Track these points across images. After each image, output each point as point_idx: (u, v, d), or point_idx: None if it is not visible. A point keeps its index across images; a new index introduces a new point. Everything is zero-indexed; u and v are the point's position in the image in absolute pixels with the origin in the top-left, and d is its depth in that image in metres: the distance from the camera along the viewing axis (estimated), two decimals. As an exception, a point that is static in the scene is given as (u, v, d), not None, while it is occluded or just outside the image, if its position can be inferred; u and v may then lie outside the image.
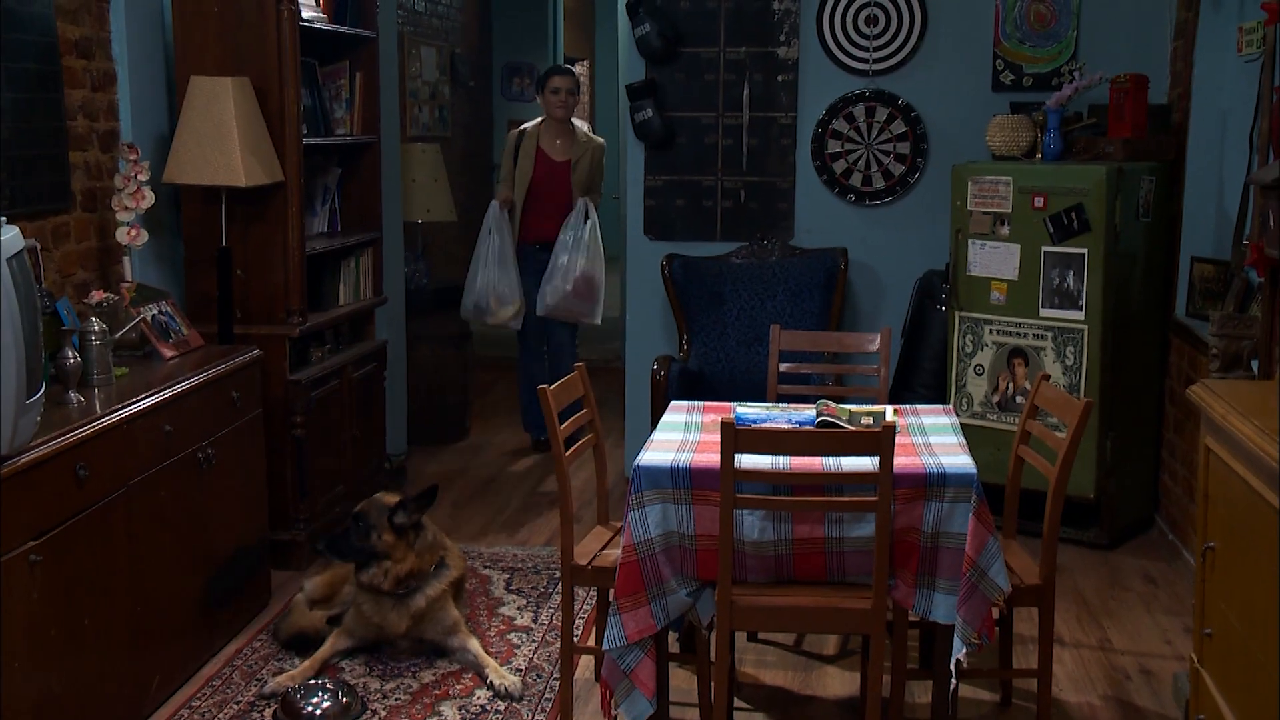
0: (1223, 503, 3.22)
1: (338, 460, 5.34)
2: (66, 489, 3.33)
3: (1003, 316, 5.37)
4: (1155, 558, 5.23)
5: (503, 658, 4.26)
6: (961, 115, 5.90)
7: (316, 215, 5.52)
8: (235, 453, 4.37)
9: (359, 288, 5.64)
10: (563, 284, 6.41)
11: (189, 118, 4.62)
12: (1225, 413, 3.15)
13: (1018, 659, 4.16)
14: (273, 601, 4.68)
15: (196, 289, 4.94)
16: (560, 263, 6.42)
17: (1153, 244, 5.37)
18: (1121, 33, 5.77)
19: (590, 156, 6.70)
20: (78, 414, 3.56)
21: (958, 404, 5.48)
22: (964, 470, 3.36)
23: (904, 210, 6.05)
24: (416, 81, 8.00)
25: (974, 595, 3.32)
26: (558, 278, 6.40)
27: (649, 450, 3.56)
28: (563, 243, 6.45)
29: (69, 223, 4.38)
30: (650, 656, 3.47)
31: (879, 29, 5.96)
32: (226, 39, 4.81)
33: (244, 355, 4.48)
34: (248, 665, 4.19)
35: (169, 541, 3.91)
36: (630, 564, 3.41)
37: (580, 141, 6.70)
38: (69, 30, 4.36)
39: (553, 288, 6.41)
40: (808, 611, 3.41)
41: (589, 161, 6.69)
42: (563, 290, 6.41)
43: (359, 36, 5.57)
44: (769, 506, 3.35)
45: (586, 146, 6.70)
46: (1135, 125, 5.32)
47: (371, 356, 5.69)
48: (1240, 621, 3.04)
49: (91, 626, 3.46)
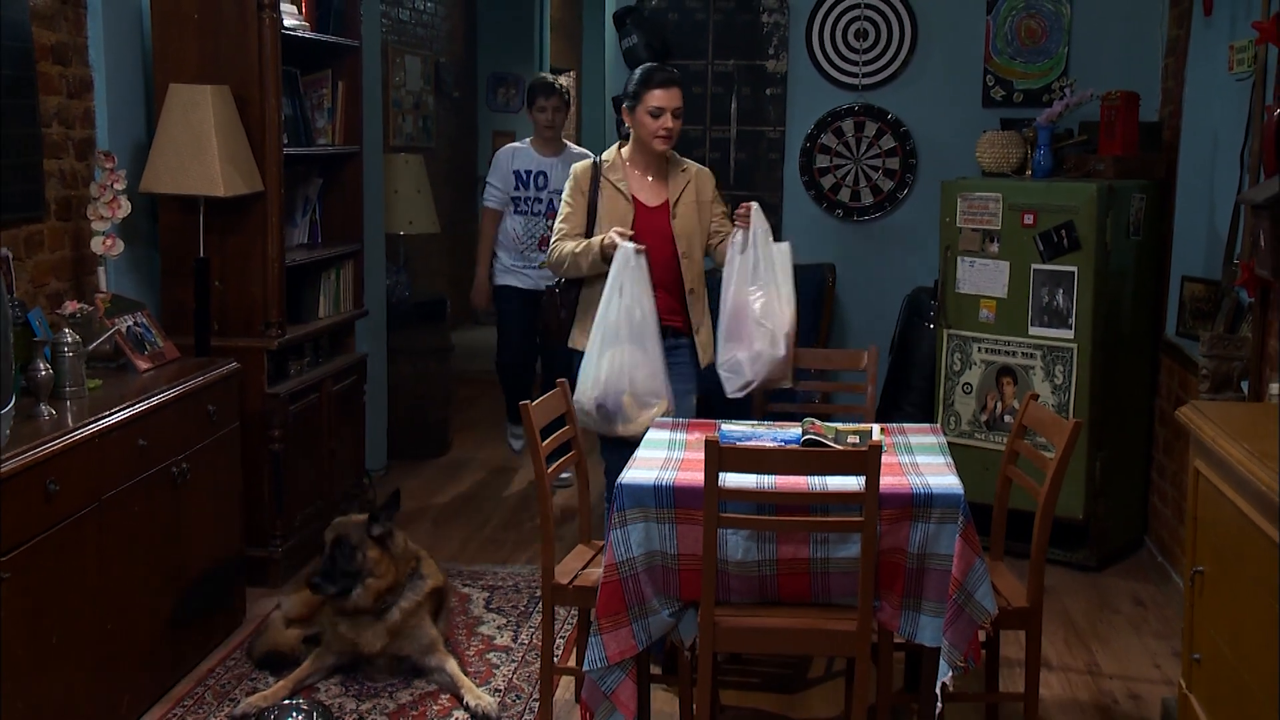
0: (1212, 526, 3.18)
1: (316, 475, 5.27)
2: (36, 504, 3.25)
3: (991, 335, 5.32)
4: (1144, 580, 5.18)
5: (481, 678, 4.19)
6: (951, 131, 5.88)
7: (297, 226, 5.45)
8: (211, 467, 4.29)
9: (339, 300, 5.57)
10: (770, 348, 4.27)
11: (167, 126, 4.56)
12: (1215, 435, 3.11)
13: (1004, 682, 4.11)
14: (247, 619, 4.60)
15: (173, 300, 4.87)
16: (753, 311, 4.32)
17: (1143, 263, 5.34)
18: (1113, 50, 5.75)
19: (701, 188, 4.58)
20: (49, 427, 3.48)
21: (945, 423, 5.43)
22: (951, 491, 3.32)
23: (893, 226, 6.01)
24: (400, 91, 7.96)
25: (960, 617, 3.28)
26: (759, 339, 4.30)
27: (632, 468, 3.51)
28: (741, 275, 4.38)
29: (43, 231, 4.31)
30: (631, 678, 3.42)
31: (869, 43, 5.93)
32: (206, 46, 4.74)
33: (221, 368, 4.41)
34: (220, 685, 4.11)
35: (141, 558, 3.83)
36: (612, 583, 3.35)
37: (679, 173, 4.59)
38: (44, 35, 4.29)
39: (753, 355, 4.31)
40: (791, 633, 3.35)
41: (694, 197, 4.57)
42: (771, 357, 4.28)
43: (342, 45, 5.51)
44: (753, 526, 3.30)
45: (687, 178, 4.58)
46: (1126, 143, 5.29)
47: (351, 370, 5.62)
48: (1229, 647, 3.00)
49: (60, 645, 3.38)
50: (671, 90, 4.37)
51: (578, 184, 4.56)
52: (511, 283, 6.20)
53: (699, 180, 4.55)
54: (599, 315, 4.23)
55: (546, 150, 6.18)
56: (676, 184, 4.52)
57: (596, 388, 4.18)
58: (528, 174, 6.14)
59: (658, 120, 4.37)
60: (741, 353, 4.29)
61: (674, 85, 4.39)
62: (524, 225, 6.14)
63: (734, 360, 4.30)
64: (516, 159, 6.18)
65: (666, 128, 4.39)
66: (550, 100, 6.12)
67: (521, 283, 6.15)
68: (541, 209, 6.14)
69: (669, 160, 4.54)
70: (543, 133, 6.17)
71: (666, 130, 4.39)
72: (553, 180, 6.08)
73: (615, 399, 4.18)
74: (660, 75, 4.41)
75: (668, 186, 4.52)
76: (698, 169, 4.60)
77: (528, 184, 6.15)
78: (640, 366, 4.17)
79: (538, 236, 6.09)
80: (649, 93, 4.37)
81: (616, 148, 4.60)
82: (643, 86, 4.39)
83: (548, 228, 5.89)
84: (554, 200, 5.98)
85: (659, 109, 4.36)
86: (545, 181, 6.14)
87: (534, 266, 6.08)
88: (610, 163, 4.55)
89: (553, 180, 6.08)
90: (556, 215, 4.95)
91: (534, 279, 6.07)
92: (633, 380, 4.17)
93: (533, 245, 6.12)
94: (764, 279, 4.27)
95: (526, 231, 6.15)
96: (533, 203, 6.16)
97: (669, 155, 4.53)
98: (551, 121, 6.13)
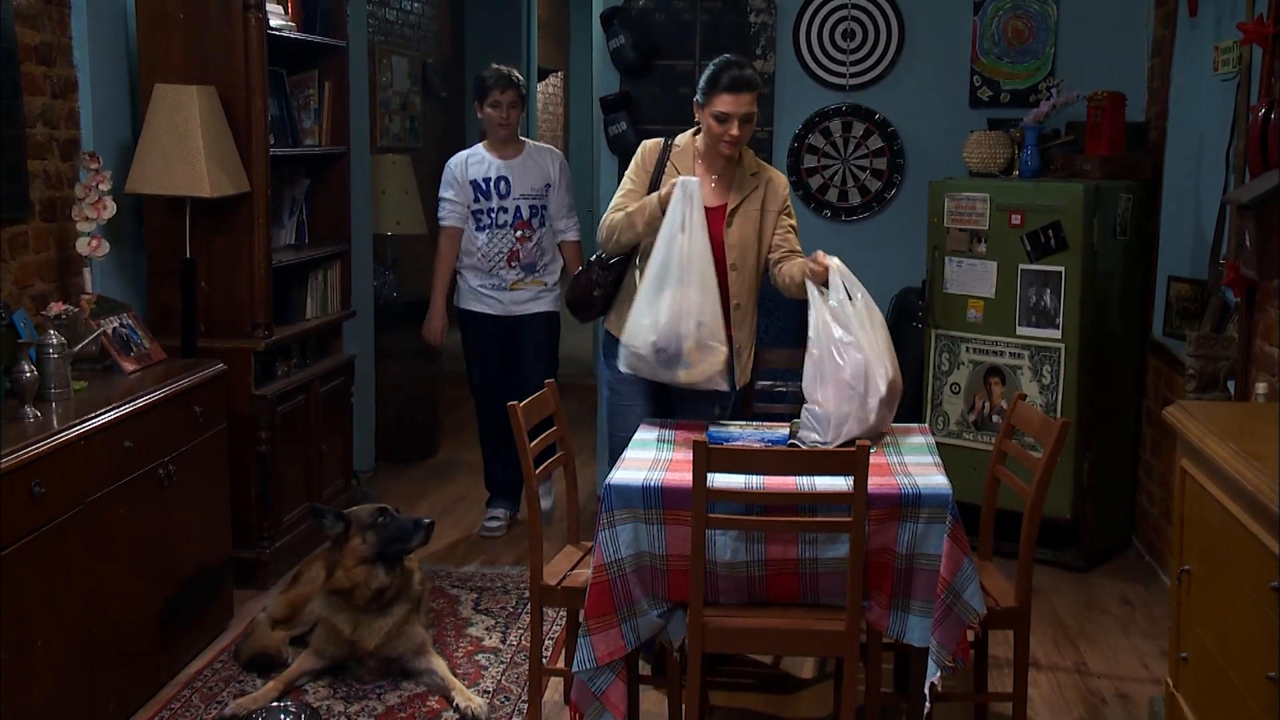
0: (1199, 525, 3.18)
1: (304, 477, 5.25)
2: (21, 507, 3.23)
3: (979, 335, 5.33)
4: (1132, 580, 5.19)
5: (470, 679, 4.18)
6: (939, 131, 5.88)
7: (283, 227, 5.44)
8: (198, 469, 4.28)
9: (326, 301, 5.55)
10: (859, 410, 3.72)
11: (153, 126, 4.54)
12: (1201, 435, 3.11)
13: (993, 682, 4.11)
14: (235, 621, 4.58)
15: (159, 301, 4.85)
16: (839, 365, 3.73)
17: (1130, 263, 5.35)
18: (1099, 50, 5.76)
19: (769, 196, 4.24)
20: (34, 429, 3.47)
21: (934, 423, 5.43)
22: (939, 491, 3.32)
23: (880, 227, 6.01)
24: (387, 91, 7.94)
25: (949, 617, 3.28)
26: (846, 401, 3.71)
27: (620, 469, 3.50)
28: (826, 320, 3.80)
29: (27, 233, 4.29)
30: (621, 678, 3.42)
31: (856, 43, 5.93)
32: (192, 46, 4.72)
33: (207, 369, 4.39)
34: (208, 687, 4.09)
35: (127, 560, 3.81)
36: (601, 584, 3.35)
37: (748, 176, 4.24)
38: (28, 36, 4.27)
39: (840, 416, 3.72)
40: (780, 633, 3.36)
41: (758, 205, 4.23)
42: (860, 421, 3.73)
43: (328, 45, 5.50)
44: (741, 527, 3.30)
45: (756, 183, 4.23)
46: (1113, 143, 5.30)
47: (339, 371, 5.61)
48: (1216, 646, 3.00)
49: (46, 648, 3.36)
50: (742, 96, 3.99)
51: (644, 161, 4.26)
52: (478, 308, 5.48)
53: (770, 188, 4.20)
54: (656, 253, 3.88)
55: (504, 152, 5.46)
56: (742, 189, 4.17)
57: (654, 331, 3.85)
58: (487, 182, 5.41)
59: (723, 126, 4.02)
60: (823, 409, 3.72)
61: (746, 89, 4.00)
62: (490, 241, 5.41)
63: (817, 414, 3.73)
64: (472, 167, 5.43)
65: (733, 135, 4.02)
66: (506, 94, 5.35)
67: (491, 308, 5.46)
68: (508, 219, 5.41)
69: (741, 162, 4.20)
70: (497, 131, 5.42)
71: (732, 138, 4.02)
72: (517, 185, 5.41)
73: (676, 343, 3.85)
74: (730, 75, 4.00)
75: (730, 190, 4.18)
76: (772, 176, 4.24)
77: (489, 193, 5.41)
78: (704, 310, 3.86)
79: (506, 252, 5.41)
80: (717, 96, 4.00)
81: (691, 133, 4.25)
82: (711, 88, 4.02)
83: (517, 240, 5.41)
84: (521, 208, 5.39)
85: (725, 115, 4.01)
86: (508, 188, 5.42)
87: (505, 288, 5.44)
88: (682, 147, 4.24)
89: (517, 185, 5.41)
90: (529, 225, 4.92)
91: (506, 304, 5.45)
92: (698, 323, 3.85)
93: (502, 262, 5.42)
94: (855, 334, 3.73)
95: (494, 248, 5.41)
96: (497, 214, 5.40)
97: (741, 156, 4.19)
98: (506, 119, 5.37)
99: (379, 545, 4.07)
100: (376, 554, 4.06)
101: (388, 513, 4.15)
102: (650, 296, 3.89)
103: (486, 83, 5.41)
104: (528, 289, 5.48)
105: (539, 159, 5.53)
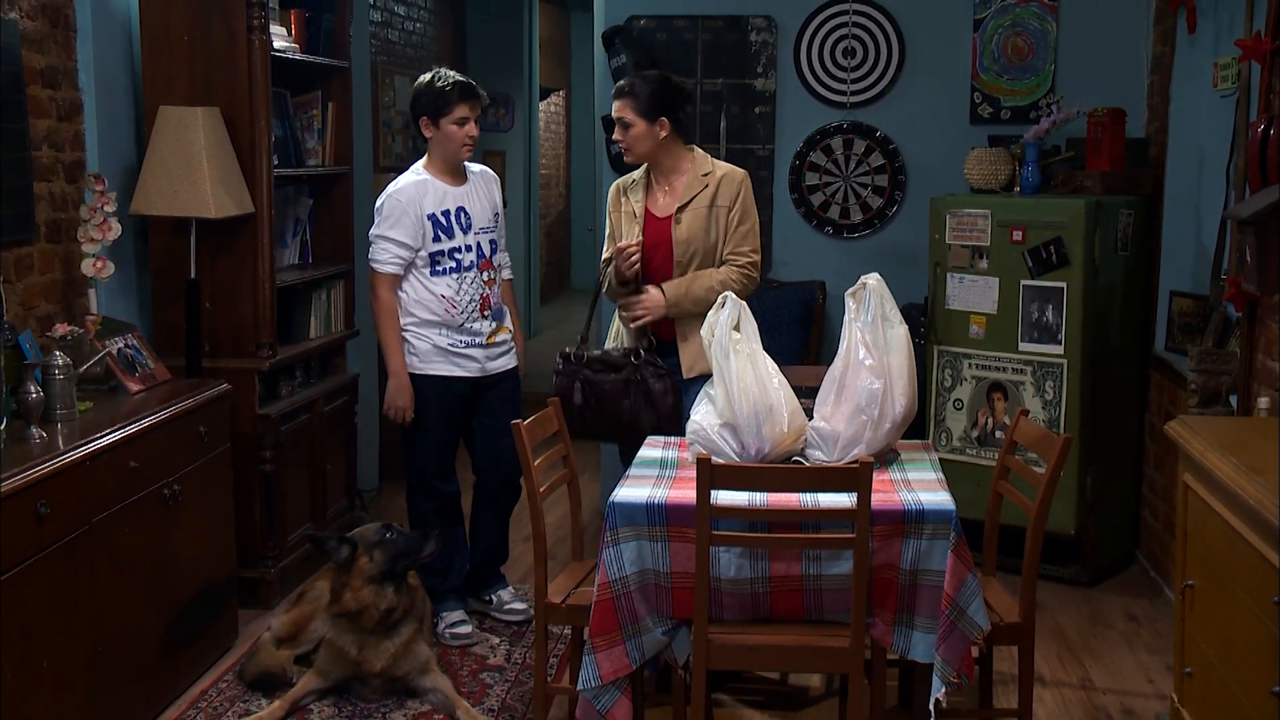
0: (1202, 540, 3.18)
1: (308, 496, 5.26)
2: (27, 527, 3.24)
3: (982, 351, 5.33)
4: (1137, 595, 5.19)
5: (475, 698, 4.18)
6: (939, 148, 5.90)
7: (287, 246, 5.46)
8: (202, 489, 4.29)
9: (330, 320, 5.57)
10: (870, 433, 3.65)
11: (157, 148, 4.56)
12: (1204, 449, 3.12)
13: (998, 698, 4.10)
14: (239, 641, 4.59)
15: (164, 322, 4.87)
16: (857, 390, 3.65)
17: (1132, 278, 5.36)
18: (1099, 67, 5.78)
19: (720, 193, 4.33)
20: (39, 450, 3.48)
21: (936, 439, 5.44)
22: (942, 507, 3.32)
23: (882, 243, 6.03)
24: (390, 111, 7.96)
25: (953, 633, 3.28)
26: (855, 425, 3.65)
27: (624, 486, 3.50)
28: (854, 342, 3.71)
29: (33, 254, 4.30)
30: (626, 696, 3.42)
31: (857, 61, 5.96)
32: (196, 69, 4.75)
33: (212, 389, 4.40)
34: (213, 707, 4.09)
35: (132, 580, 3.82)
36: (605, 602, 3.35)
37: (699, 177, 4.35)
38: (34, 59, 4.29)
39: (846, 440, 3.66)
40: (785, 650, 3.35)
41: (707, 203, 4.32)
42: (869, 443, 3.66)
43: (331, 66, 5.53)
44: (745, 544, 3.30)
45: (706, 183, 4.34)
46: (1113, 159, 5.32)
47: (343, 390, 5.62)
48: (1220, 661, 3.00)
49: (51, 668, 3.36)
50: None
51: (611, 204, 4.50)
52: (448, 371, 4.53)
53: (722, 186, 4.33)
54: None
55: (454, 179, 4.57)
56: (691, 190, 4.34)
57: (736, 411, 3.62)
58: (446, 215, 4.50)
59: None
60: (831, 427, 3.67)
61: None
62: (458, 287, 4.50)
63: (824, 431, 3.68)
64: (427, 199, 4.47)
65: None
66: (476, 109, 4.52)
67: (467, 370, 4.56)
68: (473, 259, 4.53)
69: (695, 165, 4.37)
70: (459, 154, 4.52)
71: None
72: (476, 216, 4.57)
73: (756, 420, 3.61)
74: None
75: (681, 193, 4.35)
76: (726, 173, 4.36)
77: (450, 230, 4.50)
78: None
79: (479, 299, 4.54)
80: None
81: (644, 168, 4.44)
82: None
83: (486, 283, 4.58)
84: (482, 244, 4.56)
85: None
86: (468, 220, 4.54)
87: (481, 343, 4.56)
88: (635, 179, 4.45)
89: (476, 216, 4.57)
90: (491, 264, 4.57)
91: (483, 362, 4.59)
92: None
93: (475, 312, 4.53)
94: (879, 358, 3.67)
95: (464, 296, 4.51)
96: (463, 253, 4.51)
97: (695, 159, 4.38)
98: (474, 138, 4.53)
99: (387, 562, 4.06)
100: (385, 571, 4.05)
101: (393, 528, 4.15)
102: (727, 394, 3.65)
103: (446, 94, 4.45)
104: (501, 342, 4.68)
105: (484, 184, 4.69)
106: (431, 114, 4.47)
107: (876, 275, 3.81)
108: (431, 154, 4.57)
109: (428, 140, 4.54)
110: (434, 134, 4.50)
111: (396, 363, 4.49)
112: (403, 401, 4.50)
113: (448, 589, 4.71)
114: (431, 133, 4.50)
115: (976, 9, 5.87)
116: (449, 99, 4.45)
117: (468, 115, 4.48)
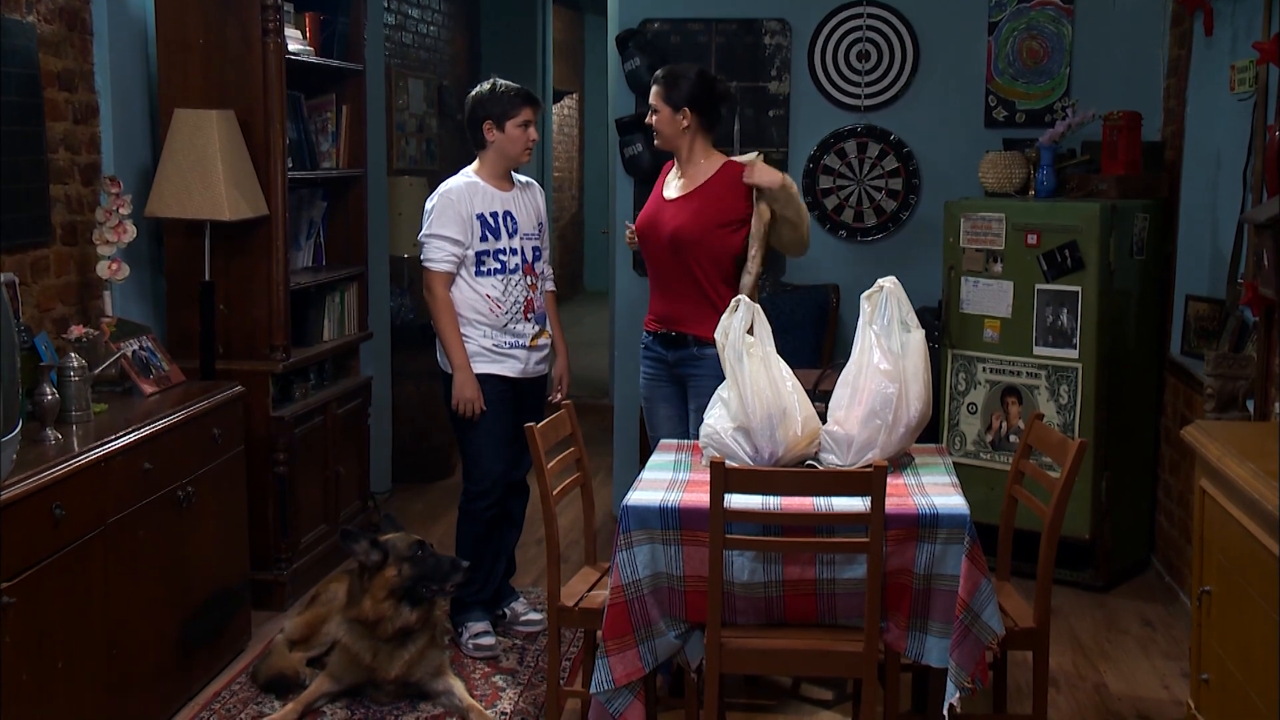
0: (1218, 546, 3.16)
1: (321, 498, 5.26)
2: (42, 529, 3.25)
3: (996, 355, 5.32)
4: (1152, 600, 5.17)
5: (488, 700, 4.18)
6: (954, 151, 5.88)
7: (301, 249, 5.47)
8: (216, 491, 4.29)
9: (344, 323, 5.58)
10: (883, 438, 3.63)
11: (172, 151, 4.57)
12: (1220, 454, 3.11)
13: (1012, 703, 4.09)
14: (253, 643, 4.59)
15: (178, 324, 4.88)
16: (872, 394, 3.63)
17: (1147, 282, 5.34)
18: (1114, 70, 5.76)
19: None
20: (55, 452, 3.49)
21: (951, 443, 5.42)
22: (957, 511, 3.31)
23: (896, 247, 6.01)
24: (404, 114, 7.97)
25: (967, 638, 3.27)
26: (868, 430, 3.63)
27: (637, 490, 3.50)
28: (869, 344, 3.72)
29: (48, 256, 4.32)
30: (639, 700, 3.42)
31: (871, 64, 5.95)
32: (211, 72, 4.76)
33: (226, 391, 4.41)
34: (226, 709, 4.10)
35: (146, 582, 3.83)
36: (618, 605, 3.35)
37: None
38: (51, 62, 4.31)
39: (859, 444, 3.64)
40: (798, 654, 3.35)
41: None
42: (881, 449, 3.64)
43: (346, 69, 5.54)
44: (759, 548, 3.29)
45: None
46: (1129, 162, 5.30)
47: (356, 393, 5.62)
48: (1237, 667, 2.99)
49: (65, 670, 3.37)
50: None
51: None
52: (496, 370, 4.56)
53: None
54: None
55: (503, 184, 4.61)
56: (695, 182, 4.41)
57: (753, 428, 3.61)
58: (495, 217, 4.55)
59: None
60: (845, 431, 3.64)
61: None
62: (503, 288, 4.53)
63: (837, 435, 3.65)
64: (477, 199, 4.52)
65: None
66: (537, 113, 4.63)
67: (511, 370, 4.58)
68: (518, 263, 4.57)
69: (709, 163, 4.43)
70: (518, 159, 4.59)
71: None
72: (522, 222, 4.61)
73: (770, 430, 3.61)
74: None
75: (688, 185, 4.43)
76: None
77: (497, 231, 4.54)
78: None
79: (523, 301, 4.57)
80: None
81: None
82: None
83: (530, 287, 4.62)
84: (525, 250, 4.59)
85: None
86: (514, 224, 4.59)
87: (525, 345, 4.59)
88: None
89: (522, 222, 4.61)
90: (534, 271, 4.58)
91: (526, 364, 4.61)
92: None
93: (519, 314, 4.57)
94: (895, 363, 3.65)
95: (509, 296, 4.55)
96: (508, 255, 4.56)
97: (714, 160, 4.43)
98: (535, 141, 4.64)
99: (413, 580, 4.03)
100: (408, 588, 4.03)
101: (426, 547, 4.11)
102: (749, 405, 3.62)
103: (511, 98, 4.53)
104: (543, 346, 4.69)
105: (530, 194, 4.74)
106: (497, 118, 4.53)
107: (893, 278, 3.79)
108: (484, 159, 4.62)
109: (487, 144, 4.58)
110: (497, 137, 4.55)
111: (460, 357, 4.49)
112: (470, 393, 4.50)
113: (473, 600, 4.67)
114: (495, 136, 4.55)
115: (991, 12, 5.85)
116: (515, 103, 4.54)
117: (530, 119, 4.56)
